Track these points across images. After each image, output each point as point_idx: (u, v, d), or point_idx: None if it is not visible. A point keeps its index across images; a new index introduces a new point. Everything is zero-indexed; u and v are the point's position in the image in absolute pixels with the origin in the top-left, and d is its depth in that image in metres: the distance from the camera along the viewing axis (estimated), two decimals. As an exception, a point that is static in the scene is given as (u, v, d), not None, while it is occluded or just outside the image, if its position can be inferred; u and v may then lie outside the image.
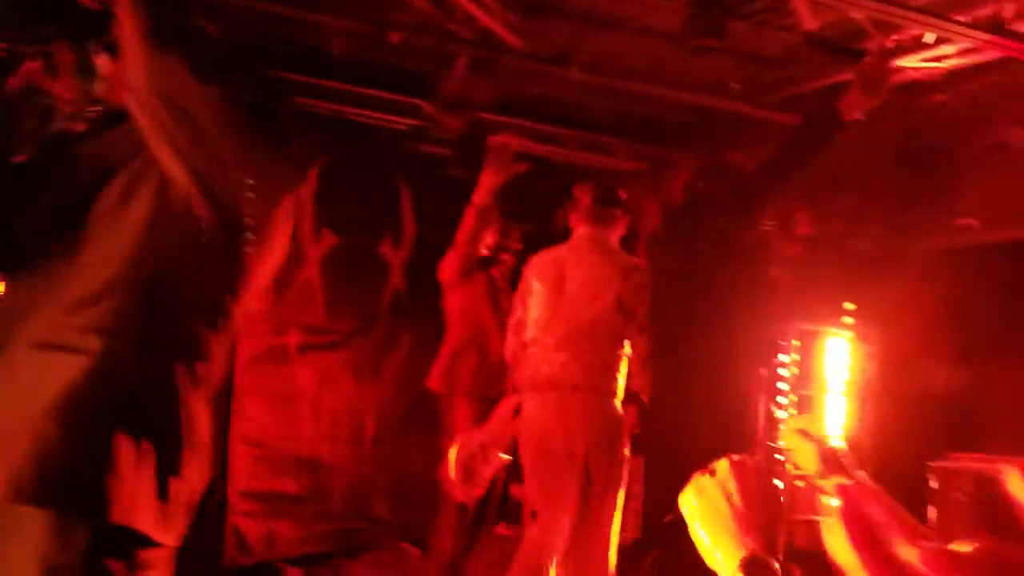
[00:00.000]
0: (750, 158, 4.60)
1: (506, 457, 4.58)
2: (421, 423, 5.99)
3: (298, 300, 5.48)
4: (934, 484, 4.18)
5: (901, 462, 5.04)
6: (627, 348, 3.94)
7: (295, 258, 5.47)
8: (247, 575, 5.22)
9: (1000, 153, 4.90)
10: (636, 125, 6.69)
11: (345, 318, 5.71)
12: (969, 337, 5.46)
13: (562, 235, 4.24)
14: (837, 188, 5.41)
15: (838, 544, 0.35)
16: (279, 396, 5.42)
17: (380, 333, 5.88)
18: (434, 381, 4.64)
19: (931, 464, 4.27)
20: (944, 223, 4.94)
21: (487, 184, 4.29)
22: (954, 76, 4.85)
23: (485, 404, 4.58)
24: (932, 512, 4.20)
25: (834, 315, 5.82)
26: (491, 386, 4.60)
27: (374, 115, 6.15)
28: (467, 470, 4.35)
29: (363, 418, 5.82)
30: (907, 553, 1.06)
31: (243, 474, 5.26)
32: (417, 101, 5.54)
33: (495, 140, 4.26)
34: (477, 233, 4.42)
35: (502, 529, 6.66)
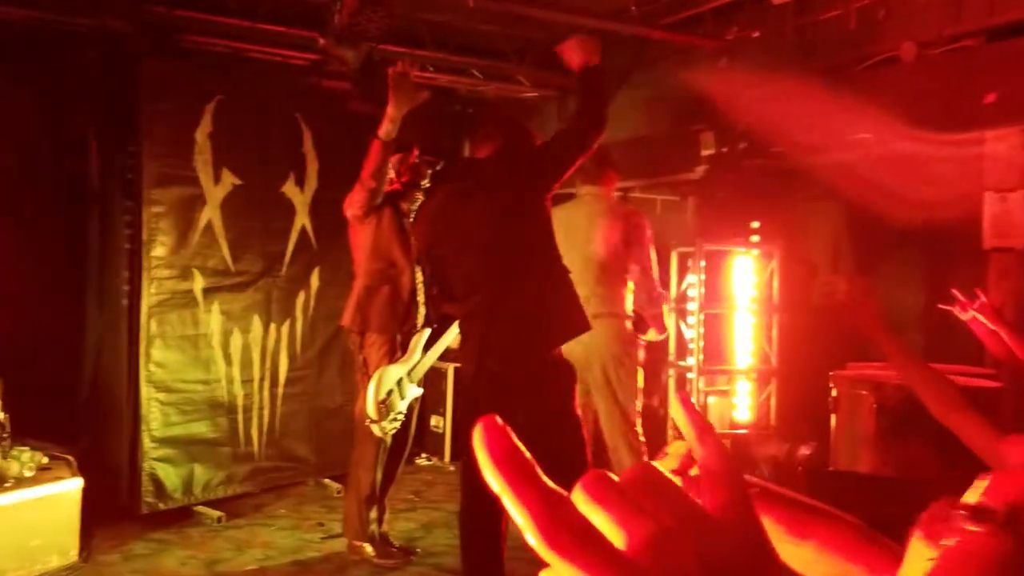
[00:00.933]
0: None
1: (419, 390, 4.61)
2: (335, 360, 5.99)
3: (201, 244, 5.36)
4: (834, 391, 4.33)
5: (807, 372, 5.22)
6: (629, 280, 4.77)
7: (196, 201, 5.34)
8: (166, 520, 5.18)
9: (892, 67, 5.01)
10: (540, 52, 6.64)
11: (251, 259, 5.61)
12: (867, 248, 5.65)
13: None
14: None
15: (487, 472, 0.40)
16: (188, 340, 5.33)
17: (289, 272, 5.80)
18: (347, 318, 4.61)
19: (832, 373, 4.42)
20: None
21: (392, 116, 4.20)
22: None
23: (398, 338, 4.58)
24: (833, 418, 4.37)
25: (739, 233, 5.94)
26: (404, 320, 4.59)
27: (270, 51, 5.98)
28: (384, 405, 4.36)
29: (276, 358, 5.77)
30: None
31: (157, 420, 5.18)
32: (313, 34, 5.39)
33: (394, 69, 4.16)
34: (383, 167, 4.34)
35: (422, 460, 6.75)
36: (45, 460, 4.50)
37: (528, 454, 0.45)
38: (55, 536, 4.31)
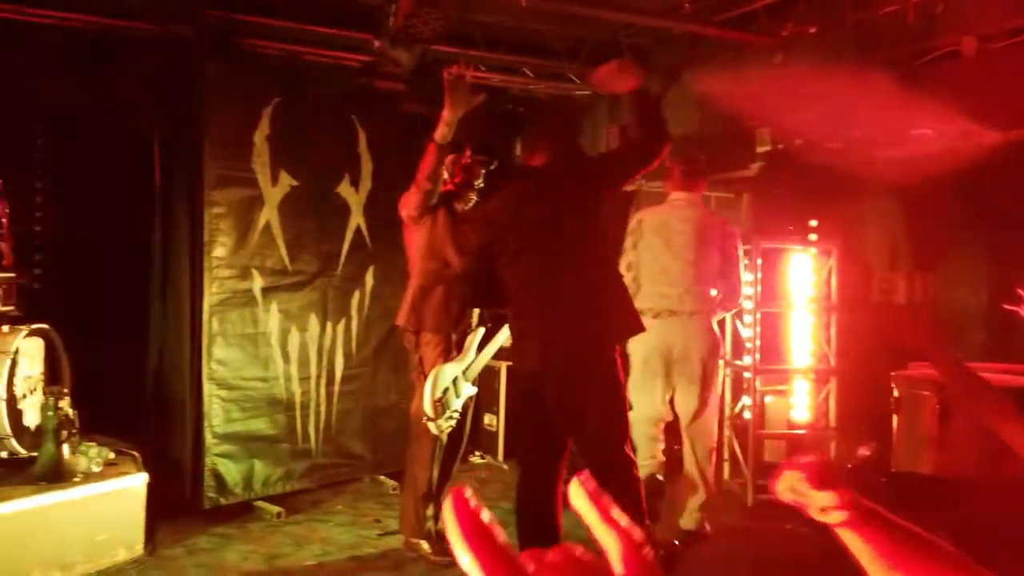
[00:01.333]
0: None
1: (474, 388, 4.64)
2: (389, 358, 6.05)
3: (260, 244, 5.45)
4: (896, 392, 4.28)
5: (866, 372, 5.15)
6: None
7: (255, 202, 5.42)
8: (227, 515, 5.27)
9: (952, 61, 4.93)
10: (591, 51, 6.63)
11: (308, 259, 5.69)
12: (927, 245, 5.55)
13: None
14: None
15: (455, 543, 0.49)
16: (248, 339, 5.43)
17: (344, 272, 5.88)
18: (402, 318, 4.65)
19: (893, 373, 4.36)
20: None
21: (447, 120, 4.22)
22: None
23: (453, 337, 4.61)
24: (895, 419, 4.31)
25: (796, 231, 5.88)
26: (458, 319, 4.61)
27: (325, 53, 6.06)
28: (440, 403, 4.40)
29: (332, 356, 5.85)
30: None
31: (218, 417, 5.29)
32: (367, 36, 5.45)
33: (449, 72, 4.19)
34: (438, 170, 4.36)
35: (476, 458, 6.79)
36: (112, 455, 4.62)
37: (495, 529, 0.51)
38: (121, 530, 4.42)
